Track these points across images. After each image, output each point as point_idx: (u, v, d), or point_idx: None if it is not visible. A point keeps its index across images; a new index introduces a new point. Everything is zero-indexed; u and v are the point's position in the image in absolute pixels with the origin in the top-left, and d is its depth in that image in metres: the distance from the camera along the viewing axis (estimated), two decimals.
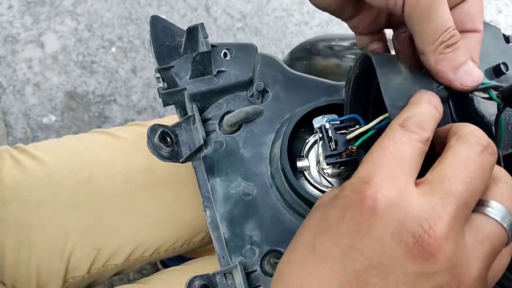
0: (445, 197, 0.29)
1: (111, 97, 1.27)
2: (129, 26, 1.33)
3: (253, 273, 0.43)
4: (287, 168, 0.43)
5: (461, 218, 0.29)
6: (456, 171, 0.30)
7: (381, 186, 0.29)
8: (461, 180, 0.29)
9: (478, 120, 0.43)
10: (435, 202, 0.29)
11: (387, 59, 0.38)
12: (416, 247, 0.28)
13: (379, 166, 0.30)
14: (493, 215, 0.30)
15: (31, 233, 0.61)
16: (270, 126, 0.47)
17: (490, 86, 0.36)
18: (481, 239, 0.30)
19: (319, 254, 0.30)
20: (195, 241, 0.69)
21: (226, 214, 0.44)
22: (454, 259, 0.28)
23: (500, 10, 1.43)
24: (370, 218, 0.28)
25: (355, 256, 0.29)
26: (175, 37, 0.47)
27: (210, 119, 0.47)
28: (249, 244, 0.43)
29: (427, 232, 0.28)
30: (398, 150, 0.30)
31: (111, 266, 0.65)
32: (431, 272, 0.28)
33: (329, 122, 0.42)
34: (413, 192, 0.29)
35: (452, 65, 0.36)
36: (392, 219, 0.28)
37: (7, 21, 1.31)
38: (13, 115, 1.24)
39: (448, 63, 0.36)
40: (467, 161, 0.30)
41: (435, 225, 0.28)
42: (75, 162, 0.64)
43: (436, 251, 0.28)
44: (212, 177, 0.45)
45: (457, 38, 0.36)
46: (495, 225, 0.30)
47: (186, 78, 0.46)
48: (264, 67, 0.49)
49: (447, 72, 0.36)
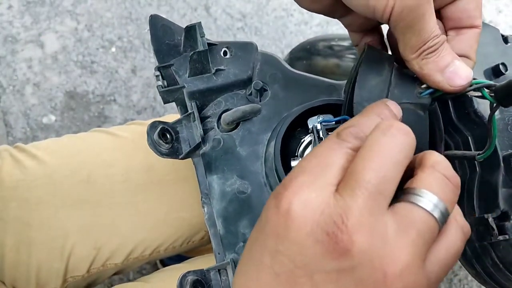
0: (355, 189, 0.28)
1: (111, 97, 1.27)
2: (129, 26, 1.33)
3: None
4: (279, 168, 0.43)
5: (375, 207, 0.28)
6: (364, 161, 0.29)
7: (299, 189, 0.29)
8: (369, 168, 0.29)
9: (478, 120, 0.44)
10: (347, 196, 0.28)
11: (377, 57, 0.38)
12: (331, 244, 0.28)
13: (302, 171, 0.30)
14: (420, 202, 0.29)
15: (31, 233, 0.61)
16: (267, 125, 0.47)
17: (483, 85, 0.36)
18: (405, 227, 0.29)
19: (254, 261, 0.30)
20: (195, 240, 0.69)
21: (221, 211, 0.45)
22: (372, 250, 0.28)
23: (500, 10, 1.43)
24: (286, 222, 0.29)
25: (281, 259, 0.29)
26: (175, 35, 0.47)
27: (209, 117, 0.47)
28: (242, 241, 0.44)
29: (340, 228, 0.28)
30: (325, 157, 0.30)
31: (111, 265, 0.65)
32: (349, 267, 0.28)
33: (321, 123, 0.42)
34: (331, 193, 0.29)
35: (438, 67, 0.35)
36: (306, 220, 0.28)
37: (7, 21, 1.31)
38: (13, 115, 1.24)
39: (433, 66, 0.35)
40: (373, 146, 0.30)
41: (347, 220, 0.28)
42: (75, 161, 0.65)
43: (350, 245, 0.27)
44: (210, 174, 0.46)
45: (441, 42, 0.36)
46: (421, 212, 0.29)
47: (185, 76, 0.47)
48: (264, 66, 0.49)
49: (434, 75, 0.36)
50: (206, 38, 0.46)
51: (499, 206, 0.42)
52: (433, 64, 0.35)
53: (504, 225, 0.41)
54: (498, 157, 0.42)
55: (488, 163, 0.44)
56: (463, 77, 0.36)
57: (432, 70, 0.36)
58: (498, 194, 0.42)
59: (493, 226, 0.41)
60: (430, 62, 0.35)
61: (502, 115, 0.44)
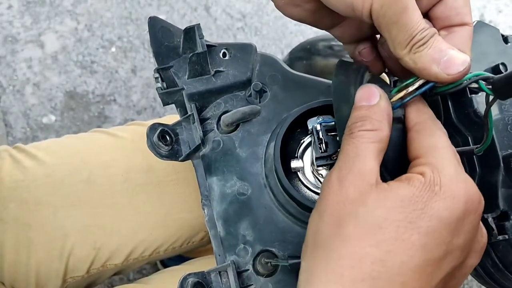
0: None
1: (111, 97, 1.27)
2: (129, 26, 1.33)
3: (245, 272, 0.43)
4: (279, 169, 0.42)
5: None
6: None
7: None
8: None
9: (478, 121, 0.43)
10: None
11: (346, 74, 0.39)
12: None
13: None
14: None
15: (31, 233, 0.61)
16: (267, 126, 0.47)
17: (481, 77, 0.36)
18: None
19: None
20: (195, 241, 0.69)
21: (222, 213, 0.44)
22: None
23: (500, 10, 1.43)
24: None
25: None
26: (174, 37, 0.47)
27: (209, 119, 0.47)
28: (242, 243, 0.44)
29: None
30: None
31: (111, 266, 0.65)
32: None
33: (320, 123, 0.42)
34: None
35: (432, 58, 0.34)
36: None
37: (7, 21, 1.31)
38: (13, 115, 1.24)
39: (427, 58, 0.34)
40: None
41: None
42: (75, 161, 0.64)
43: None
44: (210, 176, 0.46)
45: (430, 34, 0.35)
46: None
47: (184, 78, 0.46)
48: (263, 67, 0.49)
49: (430, 68, 0.35)
50: (205, 40, 0.46)
51: (499, 206, 0.42)
52: (427, 56, 0.34)
53: (503, 225, 0.41)
54: (498, 157, 0.42)
55: (487, 163, 0.44)
56: (459, 63, 0.34)
57: (427, 63, 0.34)
58: (497, 194, 0.42)
59: (492, 226, 0.41)
60: (423, 55, 0.34)
61: (502, 115, 0.44)
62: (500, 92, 0.35)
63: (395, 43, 0.35)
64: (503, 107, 0.44)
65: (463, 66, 0.34)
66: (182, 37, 0.46)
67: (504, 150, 0.43)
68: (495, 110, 0.44)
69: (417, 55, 0.34)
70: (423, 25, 0.34)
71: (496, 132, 0.43)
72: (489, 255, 0.44)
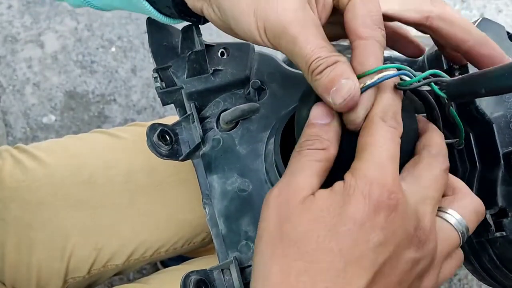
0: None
1: (111, 96, 1.27)
2: (129, 25, 1.33)
3: (248, 268, 0.43)
4: (279, 163, 0.43)
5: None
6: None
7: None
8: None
9: (479, 117, 0.44)
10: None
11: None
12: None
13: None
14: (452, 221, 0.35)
15: (32, 233, 0.61)
16: (266, 123, 0.47)
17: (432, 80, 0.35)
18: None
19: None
20: (196, 241, 0.69)
21: (223, 210, 0.45)
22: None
23: (500, 10, 1.43)
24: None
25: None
26: (173, 37, 0.47)
27: (208, 117, 0.47)
28: (244, 239, 0.44)
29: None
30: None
31: (112, 266, 0.65)
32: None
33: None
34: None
35: (325, 88, 0.33)
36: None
37: (6, 21, 1.31)
38: (13, 114, 1.24)
39: (322, 88, 0.34)
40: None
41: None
42: (76, 162, 0.65)
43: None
44: (210, 174, 0.46)
45: (328, 63, 0.33)
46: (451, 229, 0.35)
47: (183, 77, 0.47)
48: (261, 65, 0.49)
49: (324, 97, 0.34)
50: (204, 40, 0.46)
51: (497, 203, 0.42)
52: (321, 86, 0.34)
53: (501, 221, 0.41)
54: (499, 154, 0.43)
55: (488, 160, 0.44)
56: (342, 94, 0.33)
57: (322, 92, 0.34)
58: (496, 191, 0.42)
59: (490, 222, 0.42)
60: (319, 84, 0.33)
61: (504, 112, 0.44)
62: (454, 98, 0.35)
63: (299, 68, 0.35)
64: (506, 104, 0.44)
65: (342, 98, 0.33)
66: (181, 37, 0.46)
67: (505, 147, 0.43)
68: (497, 107, 0.44)
69: (316, 83, 0.34)
70: (319, 53, 0.33)
71: (497, 130, 0.43)
72: (486, 252, 0.44)
